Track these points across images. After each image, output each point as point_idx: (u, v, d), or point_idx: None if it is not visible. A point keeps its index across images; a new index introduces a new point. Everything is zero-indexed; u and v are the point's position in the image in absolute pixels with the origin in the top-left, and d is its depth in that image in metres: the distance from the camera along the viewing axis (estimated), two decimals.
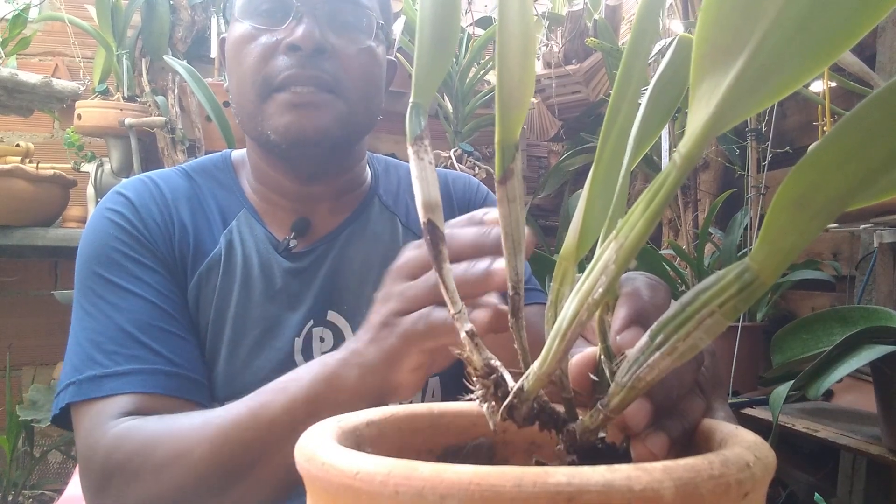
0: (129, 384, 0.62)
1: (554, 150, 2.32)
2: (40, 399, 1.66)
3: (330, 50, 0.70)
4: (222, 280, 0.72)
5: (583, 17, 1.93)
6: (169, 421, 0.58)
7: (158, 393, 0.63)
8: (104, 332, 0.65)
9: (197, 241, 0.73)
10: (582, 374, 0.30)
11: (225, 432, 0.53)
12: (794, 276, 1.42)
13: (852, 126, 0.20)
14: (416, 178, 0.31)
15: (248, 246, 0.74)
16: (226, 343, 0.71)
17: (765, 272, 0.22)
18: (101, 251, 0.69)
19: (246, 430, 0.52)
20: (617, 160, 0.28)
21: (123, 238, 0.69)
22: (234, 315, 0.71)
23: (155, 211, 0.72)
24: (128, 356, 0.63)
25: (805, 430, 1.11)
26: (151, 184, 0.75)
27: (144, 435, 0.57)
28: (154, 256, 0.70)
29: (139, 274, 0.68)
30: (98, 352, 0.64)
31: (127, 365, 0.63)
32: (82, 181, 1.75)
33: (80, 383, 0.63)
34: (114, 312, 0.65)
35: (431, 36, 0.31)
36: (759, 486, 0.23)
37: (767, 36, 0.20)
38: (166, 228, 0.72)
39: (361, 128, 0.76)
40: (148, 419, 0.59)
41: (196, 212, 0.74)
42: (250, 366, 0.70)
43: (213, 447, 0.53)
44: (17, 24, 1.59)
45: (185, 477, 0.54)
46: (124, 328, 0.65)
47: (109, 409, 0.61)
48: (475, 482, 0.20)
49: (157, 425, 0.58)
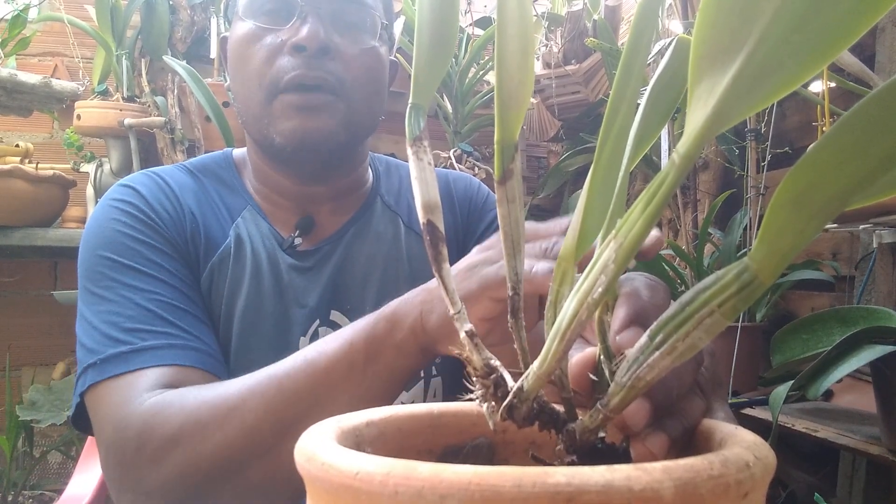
0: (160, 357, 0.58)
1: (554, 151, 2.32)
2: (40, 399, 1.65)
3: (334, 50, 0.70)
4: (232, 272, 0.71)
5: (582, 18, 1.93)
6: (213, 385, 0.55)
7: (193, 366, 0.59)
8: (122, 313, 0.61)
9: (207, 233, 0.72)
10: (581, 374, 0.31)
11: (278, 382, 0.51)
12: (794, 276, 1.42)
13: (851, 126, 0.20)
14: (415, 179, 0.31)
15: (255, 241, 0.74)
16: (235, 334, 0.70)
17: (764, 272, 0.22)
18: (111, 238, 0.66)
19: (301, 379, 0.50)
20: (616, 160, 0.28)
21: (134, 224, 0.67)
22: (244, 307, 0.70)
23: (165, 201, 0.70)
24: (155, 332, 0.60)
25: (805, 430, 1.11)
26: (157, 177, 0.74)
27: (187, 400, 0.53)
28: (168, 242, 0.68)
29: (154, 258, 0.65)
30: (118, 331, 0.60)
31: (155, 340, 0.59)
32: (82, 181, 1.75)
33: (101, 363, 0.58)
34: (132, 293, 0.62)
35: (430, 37, 0.31)
36: (759, 486, 0.23)
37: (765, 36, 0.20)
38: (178, 218, 0.70)
39: (364, 129, 0.76)
40: (189, 388, 0.55)
41: (203, 205, 0.74)
42: (257, 363, 0.70)
43: (265, 398, 0.51)
44: (16, 24, 1.59)
45: (235, 433, 0.51)
46: (147, 307, 0.61)
47: (140, 382, 0.56)
48: (475, 482, 0.20)
49: (199, 391, 0.54)
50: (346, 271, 0.76)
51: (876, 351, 0.88)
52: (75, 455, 1.74)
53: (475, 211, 0.84)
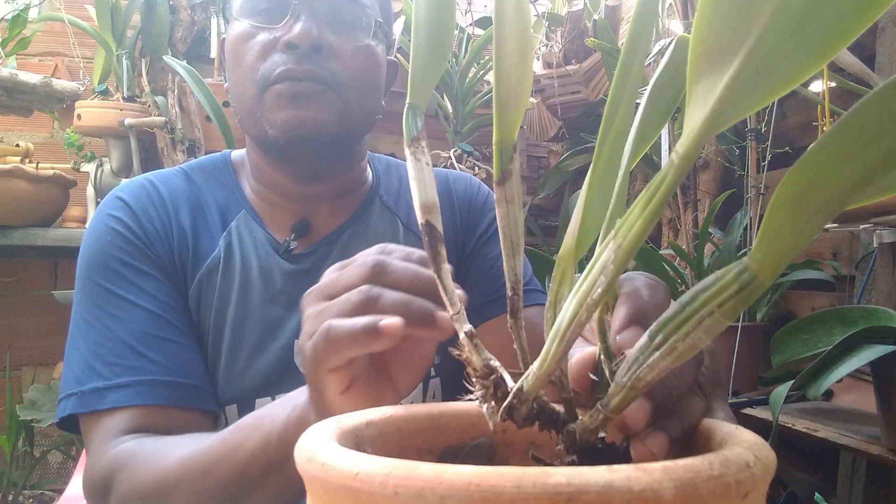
0: (128, 397, 0.64)
1: (554, 150, 2.32)
2: (40, 399, 1.66)
3: (327, 48, 0.70)
4: (221, 283, 0.72)
5: (582, 18, 1.93)
6: (161, 449, 0.60)
7: (158, 405, 0.64)
8: (104, 343, 0.66)
9: (196, 245, 0.73)
10: (581, 375, 0.30)
11: (206, 470, 0.54)
12: (794, 276, 1.42)
13: (851, 125, 0.20)
14: (413, 180, 0.31)
15: (246, 248, 0.74)
16: (226, 345, 0.71)
17: (763, 272, 0.22)
18: (100, 259, 0.69)
19: (225, 469, 0.53)
20: (615, 160, 0.28)
21: (122, 245, 0.70)
22: (233, 317, 0.71)
23: (154, 215, 0.72)
24: (127, 368, 0.65)
25: (805, 430, 1.11)
26: (150, 187, 0.75)
27: (136, 463, 0.59)
28: (153, 263, 0.70)
29: (138, 282, 0.69)
30: (99, 363, 0.65)
31: (126, 377, 0.64)
32: (82, 181, 1.75)
33: (82, 395, 0.64)
34: (113, 323, 0.67)
35: (427, 37, 0.31)
36: (759, 486, 0.23)
37: (763, 36, 0.20)
38: (165, 233, 0.72)
39: (360, 126, 0.76)
40: (143, 444, 0.61)
41: (196, 214, 0.75)
42: (250, 368, 0.70)
43: (195, 486, 0.54)
44: (16, 24, 1.59)
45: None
46: (123, 339, 0.66)
47: (111, 425, 0.63)
48: (475, 483, 0.20)
49: (149, 454, 0.60)
50: None
51: (876, 351, 0.88)
52: (75, 455, 1.74)
53: (475, 211, 0.84)
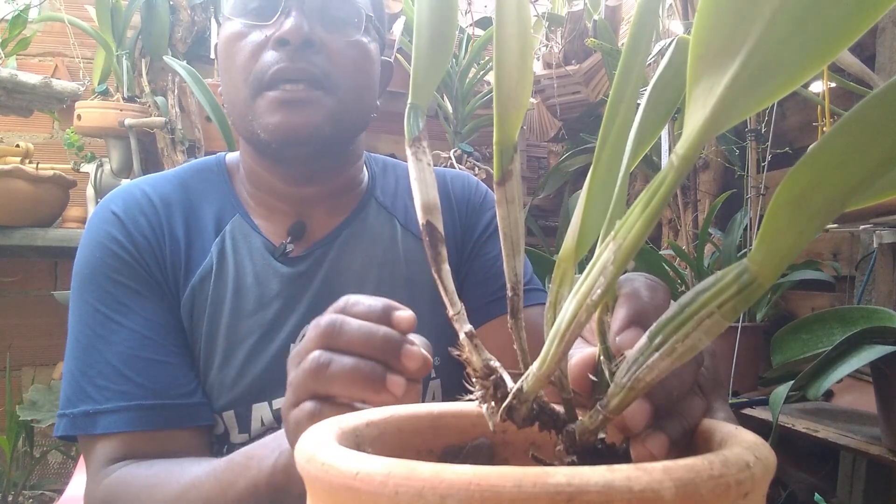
0: (117, 423, 0.65)
1: (554, 151, 2.32)
2: (40, 399, 1.66)
3: (318, 44, 0.70)
4: (214, 290, 0.72)
5: (582, 18, 1.93)
6: (152, 482, 0.61)
7: (148, 430, 0.66)
8: (93, 365, 0.67)
9: (189, 253, 0.73)
10: (581, 375, 0.30)
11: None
12: (794, 277, 1.42)
13: (851, 126, 0.20)
14: (414, 180, 0.31)
15: (240, 253, 0.74)
16: (220, 352, 0.71)
17: (763, 273, 0.22)
18: (91, 277, 0.70)
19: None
20: (616, 161, 0.28)
21: (112, 263, 0.70)
22: (227, 324, 0.71)
23: (145, 225, 0.72)
24: (116, 392, 0.66)
25: (805, 430, 1.11)
26: (142, 196, 0.74)
27: (129, 495, 0.61)
28: (144, 279, 0.70)
29: (127, 302, 0.69)
30: (89, 385, 0.67)
31: (115, 402, 0.66)
32: (82, 181, 1.75)
33: (74, 417, 0.66)
34: (101, 345, 0.68)
35: (429, 37, 0.31)
36: (759, 486, 0.23)
37: (763, 37, 0.20)
38: (158, 244, 0.72)
39: (354, 125, 0.76)
40: (136, 475, 0.63)
41: (189, 221, 0.74)
42: (247, 373, 0.70)
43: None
44: (16, 24, 1.59)
45: None
46: (110, 362, 0.67)
47: (104, 451, 0.65)
48: (475, 482, 0.20)
49: (140, 488, 0.61)
50: (340, 274, 0.75)
51: (876, 351, 0.88)
52: (75, 455, 1.74)
53: (473, 210, 0.84)
